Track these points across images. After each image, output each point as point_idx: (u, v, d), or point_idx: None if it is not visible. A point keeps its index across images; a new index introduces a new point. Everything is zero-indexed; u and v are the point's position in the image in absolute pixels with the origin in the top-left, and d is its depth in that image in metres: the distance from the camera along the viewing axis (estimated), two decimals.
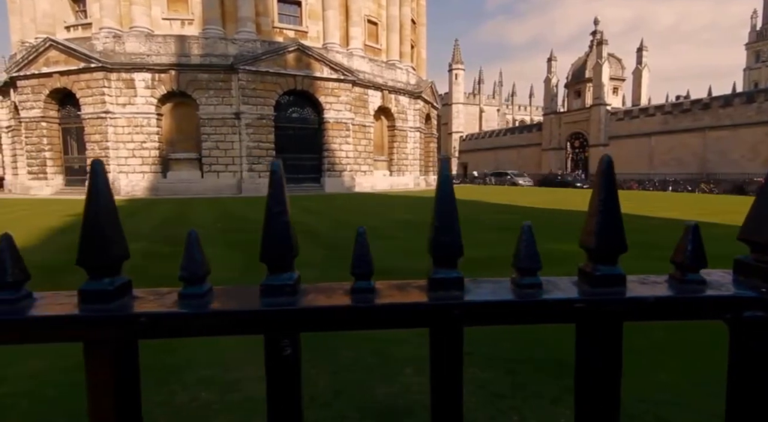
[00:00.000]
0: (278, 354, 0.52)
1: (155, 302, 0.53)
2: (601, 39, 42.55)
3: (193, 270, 0.54)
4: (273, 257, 0.55)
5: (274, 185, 0.54)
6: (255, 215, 12.85)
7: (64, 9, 24.92)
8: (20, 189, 25.98)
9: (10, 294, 0.51)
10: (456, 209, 0.56)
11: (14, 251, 0.51)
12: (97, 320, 0.50)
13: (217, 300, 0.54)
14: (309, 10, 26.38)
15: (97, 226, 0.50)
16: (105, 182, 0.51)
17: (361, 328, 0.54)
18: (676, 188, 29.32)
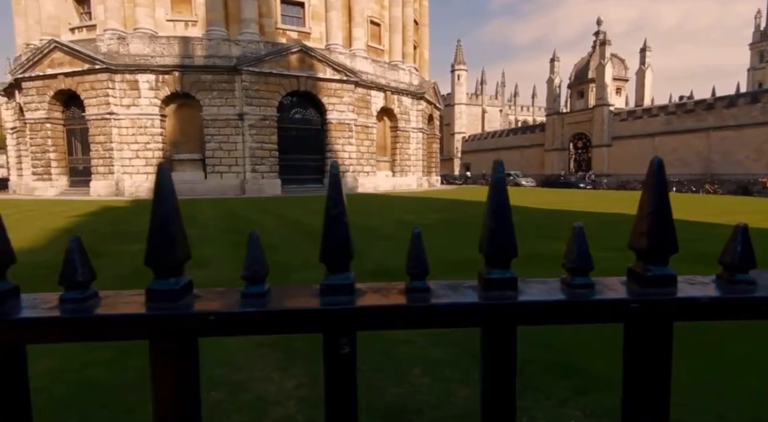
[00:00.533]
0: (336, 352, 0.53)
1: (218, 302, 0.54)
2: (604, 39, 42.46)
3: (255, 270, 0.55)
4: (333, 258, 0.56)
5: (333, 186, 0.55)
6: (257, 216, 12.86)
7: (68, 11, 25.04)
8: (25, 190, 26.10)
9: (79, 293, 0.52)
10: (510, 210, 0.57)
11: (84, 253, 0.53)
12: (166, 318, 0.51)
13: (276, 299, 0.55)
14: (312, 12, 26.42)
15: (166, 228, 0.52)
16: (171, 185, 0.52)
17: (416, 327, 0.55)
18: (680, 188, 29.17)
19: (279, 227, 10.16)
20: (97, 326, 0.52)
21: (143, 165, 23.38)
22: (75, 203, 17.51)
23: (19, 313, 0.51)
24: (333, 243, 0.56)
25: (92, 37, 23.91)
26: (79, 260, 0.52)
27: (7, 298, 0.52)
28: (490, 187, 0.57)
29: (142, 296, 0.54)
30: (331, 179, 0.55)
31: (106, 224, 10.42)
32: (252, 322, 0.53)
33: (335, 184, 0.55)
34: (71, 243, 0.53)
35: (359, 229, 9.58)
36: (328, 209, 0.55)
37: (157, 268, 0.53)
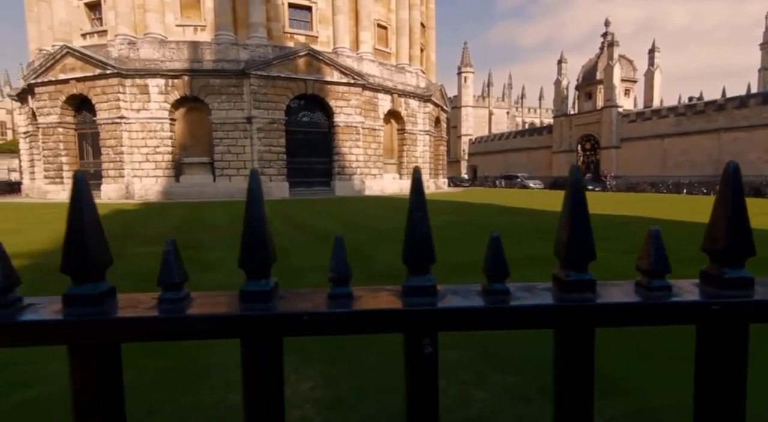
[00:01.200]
0: (418, 352, 0.55)
1: (307, 302, 0.56)
2: (612, 40, 42.20)
3: (341, 272, 0.57)
4: (415, 260, 0.57)
5: (416, 190, 0.57)
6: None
7: (80, 17, 25.43)
8: (37, 193, 26.47)
9: (174, 294, 0.55)
10: (588, 213, 0.58)
11: (179, 255, 0.56)
12: (260, 318, 0.53)
13: (360, 301, 0.56)
14: (319, 15, 26.59)
15: (257, 233, 0.55)
16: (259, 195, 0.56)
17: (496, 329, 0.56)
18: (690, 190, 28.86)
19: (288, 230, 10.22)
20: (191, 325, 0.54)
21: (153, 169, 23.62)
22: None
23: (117, 313, 0.53)
24: (416, 246, 0.57)
25: (103, 42, 24.25)
26: (175, 262, 0.55)
27: (106, 298, 0.54)
28: (567, 191, 0.57)
29: (233, 298, 0.56)
30: (413, 184, 0.57)
31: (119, 227, 10.55)
32: (340, 322, 0.55)
33: (418, 188, 0.57)
34: (168, 246, 0.55)
35: (368, 231, 9.61)
36: (411, 212, 0.57)
37: (250, 270, 0.55)
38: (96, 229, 0.53)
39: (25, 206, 18.91)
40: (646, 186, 31.99)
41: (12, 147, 62.98)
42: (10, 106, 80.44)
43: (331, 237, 3.68)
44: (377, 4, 29.16)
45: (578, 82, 49.09)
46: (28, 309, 0.53)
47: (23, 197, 28.07)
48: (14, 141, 67.48)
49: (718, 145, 33.60)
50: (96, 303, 0.53)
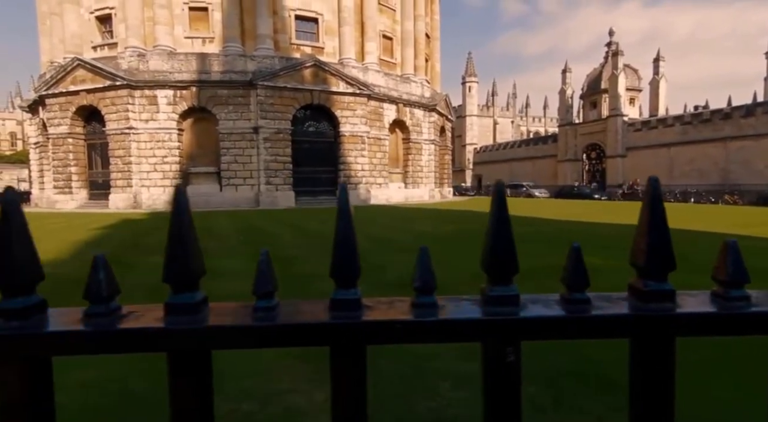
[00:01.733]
0: (501, 361, 0.55)
1: (393, 311, 0.58)
2: (616, 50, 42.35)
3: (426, 281, 0.58)
4: (497, 269, 0.58)
5: (498, 201, 0.58)
6: (273, 228, 12.97)
7: (91, 30, 25.90)
8: (46, 203, 26.73)
9: (268, 303, 0.57)
10: (667, 223, 0.58)
11: (271, 265, 0.58)
12: (349, 327, 0.55)
13: (443, 310, 0.57)
14: (325, 27, 26.91)
15: (349, 246, 0.57)
16: (347, 208, 0.58)
17: (576, 337, 0.57)
18: (698, 199, 28.66)
19: (295, 238, 10.23)
20: (283, 334, 0.55)
21: (161, 178, 23.81)
22: (95, 216, 17.88)
23: (208, 321, 0.55)
24: (499, 256, 0.57)
25: (113, 54, 24.65)
26: (269, 272, 0.57)
27: (202, 305, 0.57)
28: (648, 202, 0.57)
29: (322, 305, 0.58)
30: (495, 196, 0.58)
31: (128, 237, 10.61)
32: (426, 331, 0.56)
33: (500, 200, 0.58)
34: (262, 256, 0.58)
35: (377, 241, 9.60)
36: (493, 224, 0.58)
37: (340, 280, 0.57)
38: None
39: (34, 216, 19.08)
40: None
41: (21, 157, 63.93)
42: (20, 117, 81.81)
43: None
44: (382, 16, 29.50)
45: (583, 91, 49.20)
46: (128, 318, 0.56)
47: (32, 207, 28.33)
48: (24, 152, 68.52)
49: (725, 154, 33.44)
50: (194, 311, 0.56)
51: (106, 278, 0.55)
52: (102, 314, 0.55)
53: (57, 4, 26.47)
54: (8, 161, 65.37)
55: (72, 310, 0.58)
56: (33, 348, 0.53)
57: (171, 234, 0.55)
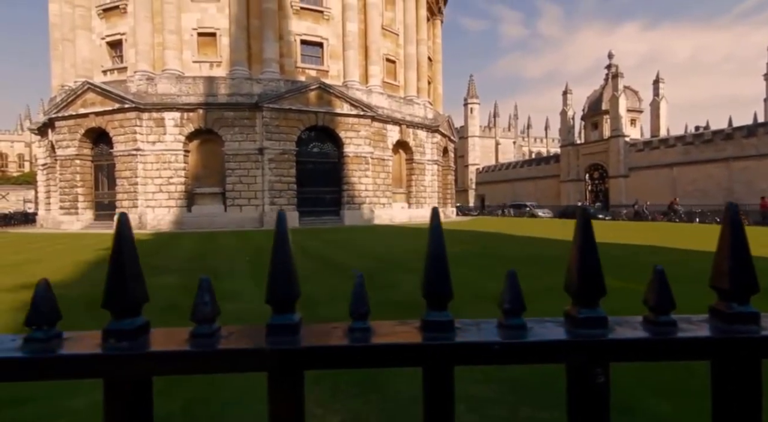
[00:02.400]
0: (589, 382, 0.56)
1: (484, 333, 0.59)
2: (616, 72, 42.99)
3: (517, 304, 0.60)
4: (585, 292, 0.59)
5: (584, 227, 0.59)
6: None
7: (102, 55, 26.58)
8: (52, 224, 26.88)
9: (363, 324, 0.59)
10: (749, 249, 0.59)
11: (364, 289, 0.60)
12: (443, 348, 0.56)
13: (531, 330, 0.59)
14: (330, 51, 27.53)
15: (439, 263, 0.59)
16: (439, 228, 0.62)
17: (661, 359, 0.57)
18: (703, 219, 28.47)
19: (301, 259, 10.22)
20: (379, 354, 0.56)
21: (166, 199, 23.98)
22: (101, 237, 17.94)
23: (302, 342, 0.57)
24: (589, 280, 0.58)
25: (123, 78, 25.20)
26: (364, 294, 0.59)
27: (299, 328, 0.59)
28: (728, 226, 0.59)
29: (411, 327, 0.59)
30: (580, 220, 0.59)
31: None
32: (518, 352, 0.56)
33: (585, 223, 0.59)
34: (357, 279, 0.60)
35: (383, 261, 9.57)
36: (579, 245, 0.59)
37: (432, 301, 0.59)
38: None
39: (40, 237, 19.17)
40: (657, 215, 31.65)
41: (28, 179, 64.60)
42: (29, 139, 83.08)
43: (345, 267, 3.73)
44: (386, 40, 30.18)
45: (584, 112, 49.74)
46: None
47: (38, 228, 28.47)
48: (31, 173, 69.29)
49: (728, 174, 33.48)
50: (292, 332, 0.58)
51: (212, 302, 0.57)
52: (206, 334, 0.56)
53: (70, 31, 27.25)
54: (15, 182, 66.03)
55: (177, 331, 0.60)
56: (139, 368, 0.54)
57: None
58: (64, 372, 0.54)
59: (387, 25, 30.39)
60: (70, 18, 27.21)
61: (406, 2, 31.81)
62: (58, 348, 0.54)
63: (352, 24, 27.47)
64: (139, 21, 24.58)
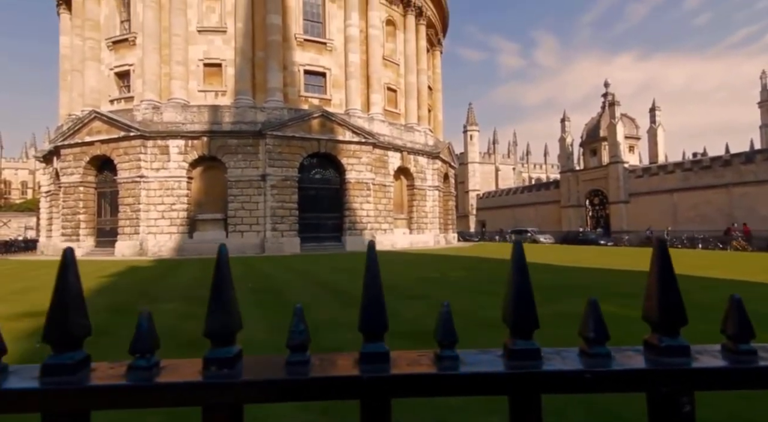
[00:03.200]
0: (677, 411, 0.56)
1: (567, 361, 0.59)
2: (612, 100, 43.83)
3: (601, 332, 0.59)
4: (668, 320, 0.59)
5: (661, 258, 0.59)
6: (281, 274, 12.86)
7: (110, 85, 27.21)
8: (52, 251, 26.80)
9: (452, 352, 0.59)
10: None
11: (451, 319, 0.60)
12: (530, 376, 0.56)
13: (615, 359, 0.59)
14: (333, 81, 28.17)
15: (527, 298, 0.59)
16: (522, 259, 0.62)
17: (740, 388, 0.57)
18: (706, 245, 28.35)
19: (305, 285, 10.13)
20: (464, 383, 0.56)
21: (168, 225, 23.99)
22: (103, 263, 17.84)
23: (390, 370, 0.57)
24: (671, 311, 0.58)
25: (129, 107, 25.71)
26: (451, 322, 0.59)
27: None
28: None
29: (495, 355, 0.59)
30: (657, 248, 0.60)
31: (135, 284, 10.54)
32: (600, 381, 0.56)
33: (663, 255, 0.59)
34: (444, 307, 0.60)
35: (387, 288, 9.47)
36: (661, 279, 0.59)
37: (517, 330, 0.59)
38: None
39: (41, 264, 19.07)
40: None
41: (30, 206, 64.84)
42: (33, 166, 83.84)
43: (349, 293, 3.68)
44: (387, 70, 30.94)
45: (582, 139, 50.39)
46: None
47: (38, 255, 28.37)
48: (33, 200, 69.59)
49: (729, 199, 33.57)
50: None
51: (306, 330, 0.58)
52: (301, 363, 0.57)
53: (79, 62, 28.01)
54: (18, 209, 66.28)
55: (273, 358, 0.60)
56: (237, 395, 0.54)
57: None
58: (164, 400, 0.55)
59: (388, 56, 31.22)
60: (80, 50, 28.02)
61: (407, 34, 32.79)
62: (156, 376, 0.55)
63: (354, 55, 28.23)
64: (148, 52, 25.28)
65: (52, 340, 0.55)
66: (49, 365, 0.55)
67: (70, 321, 0.55)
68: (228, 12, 26.09)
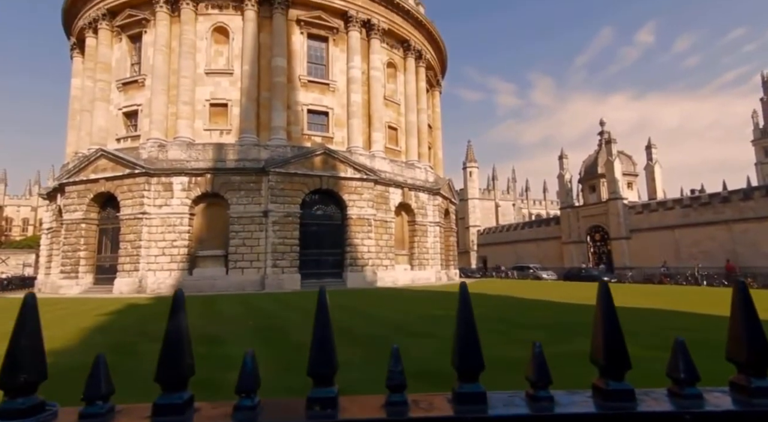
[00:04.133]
0: None
1: (658, 403, 0.58)
2: (609, 138, 44.72)
3: (689, 372, 0.60)
4: (757, 361, 0.59)
5: (742, 299, 0.60)
6: (283, 312, 12.65)
7: (117, 124, 27.87)
8: (50, 288, 26.47)
9: (546, 393, 0.60)
10: None
11: (545, 359, 0.61)
12: (624, 418, 0.56)
13: (707, 400, 0.59)
14: (335, 119, 28.89)
15: (618, 340, 0.59)
16: (610, 304, 0.63)
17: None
18: (710, 282, 28.02)
19: (308, 323, 9.93)
20: None
21: (168, 262, 23.83)
22: (101, 301, 17.58)
23: (488, 412, 0.56)
24: (756, 349, 0.58)
25: (135, 145, 26.20)
26: (545, 364, 0.59)
27: None
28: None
29: (585, 396, 0.60)
30: (738, 292, 0.61)
31: (134, 323, 10.34)
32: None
33: (744, 297, 0.60)
34: (536, 348, 0.61)
35: (392, 326, 9.29)
36: (742, 314, 0.59)
37: (611, 371, 0.59)
38: None
39: (39, 302, 18.75)
40: (663, 278, 31.16)
41: (30, 243, 64.65)
42: (35, 203, 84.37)
43: (354, 332, 3.60)
44: (388, 109, 31.80)
45: (581, 175, 50.97)
46: None
47: (35, 292, 27.93)
48: (33, 237, 69.49)
49: (730, 236, 33.52)
50: None
51: (403, 371, 0.59)
52: (400, 403, 0.57)
53: (89, 102, 28.84)
54: (17, 246, 66.07)
55: (371, 398, 0.61)
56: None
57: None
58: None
59: (389, 96, 32.18)
60: (90, 91, 28.93)
61: (407, 76, 33.96)
62: (259, 416, 0.56)
63: (356, 95, 29.11)
64: (156, 93, 26.08)
65: (163, 380, 0.56)
66: (160, 405, 0.56)
67: (183, 362, 0.57)
68: (235, 55, 27.14)
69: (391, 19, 32.03)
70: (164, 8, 26.71)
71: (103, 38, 28.54)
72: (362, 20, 30.02)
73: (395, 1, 31.92)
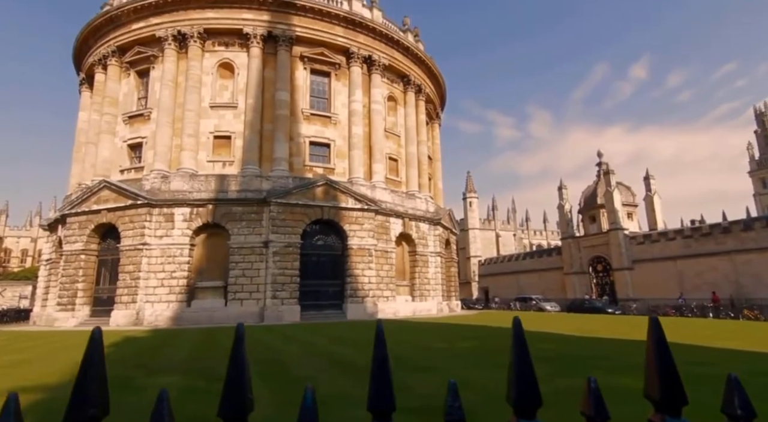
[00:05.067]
0: None
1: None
2: (607, 169, 45.18)
3: (746, 410, 0.59)
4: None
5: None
6: (282, 345, 12.39)
7: (122, 156, 28.27)
8: (45, 321, 26.04)
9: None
10: None
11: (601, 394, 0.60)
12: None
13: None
14: (337, 151, 29.33)
15: (674, 378, 0.59)
16: None
17: None
18: (716, 314, 27.59)
19: (308, 357, 9.72)
20: None
21: (166, 293, 23.55)
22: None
23: None
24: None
25: (139, 176, 26.46)
26: (601, 399, 0.60)
27: None
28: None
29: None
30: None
31: (132, 356, 10.12)
32: None
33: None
34: (591, 384, 0.61)
35: (393, 358, 9.08)
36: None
37: (668, 407, 0.59)
38: None
39: (35, 335, 18.47)
40: (668, 309, 30.66)
41: (28, 274, 64.13)
42: (35, 234, 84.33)
43: (356, 365, 3.56)
44: (388, 141, 32.35)
45: (580, 206, 51.17)
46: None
47: (30, 325, 27.52)
48: (31, 269, 69.00)
49: (733, 267, 33.27)
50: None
51: (461, 406, 0.61)
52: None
53: (95, 135, 29.37)
54: (15, 277, 65.45)
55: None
56: None
57: None
58: None
59: (389, 128, 32.81)
60: (96, 124, 29.53)
61: (407, 109, 34.75)
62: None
63: (357, 128, 29.68)
64: (161, 126, 26.60)
65: (226, 414, 0.58)
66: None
67: (246, 397, 0.58)
68: (240, 90, 27.87)
69: (391, 55, 33.09)
70: (172, 45, 27.67)
71: (112, 73, 29.39)
72: (364, 56, 31.01)
73: (395, 39, 33.09)
